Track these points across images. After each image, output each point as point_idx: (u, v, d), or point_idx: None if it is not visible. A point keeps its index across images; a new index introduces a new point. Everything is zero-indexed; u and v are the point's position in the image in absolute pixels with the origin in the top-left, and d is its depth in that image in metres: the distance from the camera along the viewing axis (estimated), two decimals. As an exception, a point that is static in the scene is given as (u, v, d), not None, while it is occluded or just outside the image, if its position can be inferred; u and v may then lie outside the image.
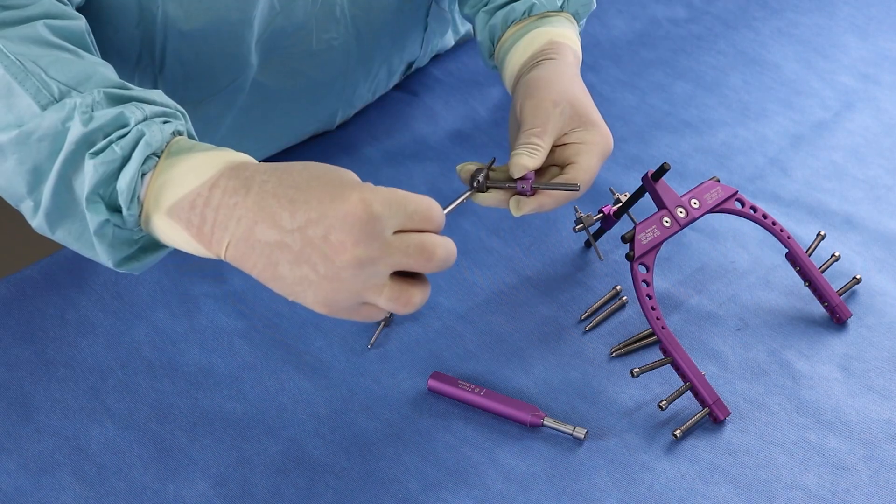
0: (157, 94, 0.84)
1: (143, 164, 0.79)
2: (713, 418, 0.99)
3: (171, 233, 0.80)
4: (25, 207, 0.84)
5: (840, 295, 1.09)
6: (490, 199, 0.95)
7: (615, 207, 1.10)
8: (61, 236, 0.84)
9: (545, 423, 0.98)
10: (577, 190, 0.93)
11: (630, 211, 1.09)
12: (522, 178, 0.94)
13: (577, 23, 1.11)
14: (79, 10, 0.93)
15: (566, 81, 0.99)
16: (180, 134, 0.82)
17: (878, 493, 0.95)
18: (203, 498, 0.93)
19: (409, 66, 1.31)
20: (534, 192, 0.94)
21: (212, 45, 1.01)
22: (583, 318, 1.09)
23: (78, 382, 1.00)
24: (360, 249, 0.74)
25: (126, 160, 0.79)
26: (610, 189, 1.13)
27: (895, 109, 1.37)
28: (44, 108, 0.80)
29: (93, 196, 0.79)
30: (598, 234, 1.13)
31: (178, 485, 0.93)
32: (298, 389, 1.01)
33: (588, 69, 1.39)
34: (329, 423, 0.99)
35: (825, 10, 1.53)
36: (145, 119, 0.80)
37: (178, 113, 0.84)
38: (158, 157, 0.80)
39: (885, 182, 1.26)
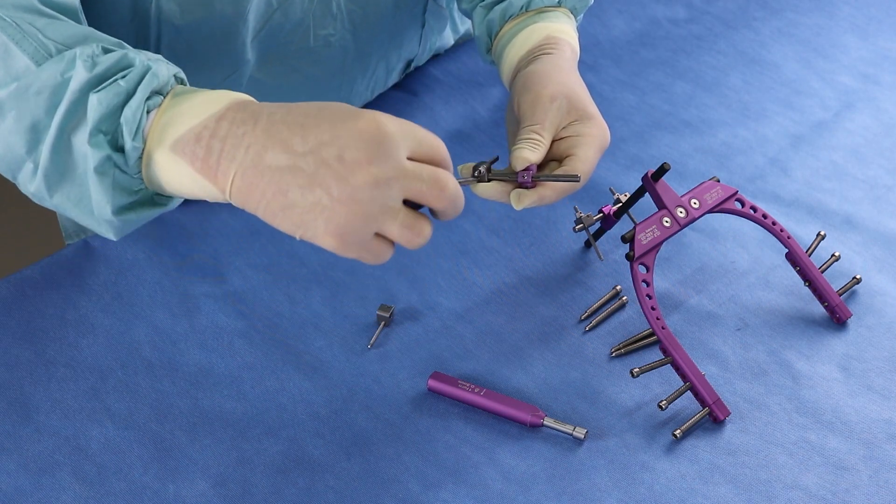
0: (158, 56, 0.83)
1: (148, 100, 0.77)
2: (713, 418, 0.99)
3: (175, 169, 0.77)
4: (24, 174, 0.82)
5: (840, 295, 1.09)
6: (491, 190, 0.95)
7: (615, 207, 1.10)
8: (59, 201, 0.82)
9: (545, 423, 0.98)
10: (577, 181, 0.93)
11: (630, 211, 1.09)
12: (524, 171, 0.94)
13: (575, 18, 1.11)
14: None
15: (563, 75, 0.99)
16: (183, 82, 0.81)
17: (878, 493, 0.95)
18: (203, 498, 0.93)
19: (409, 64, 1.31)
20: (535, 184, 0.94)
21: (206, 39, 1.02)
22: (583, 318, 1.09)
23: (78, 382, 1.00)
24: (376, 167, 0.72)
25: (131, 94, 0.77)
26: (610, 189, 1.13)
27: (895, 109, 1.37)
28: (40, 64, 0.79)
29: (95, 131, 0.77)
30: (598, 234, 1.13)
31: (178, 485, 0.93)
32: (298, 389, 1.01)
33: (588, 69, 1.39)
34: (329, 423, 0.99)
35: (825, 10, 1.53)
36: (148, 59, 0.79)
37: (180, 70, 0.83)
38: (164, 96, 0.79)
39: (885, 182, 1.26)
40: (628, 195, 1.09)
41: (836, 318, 1.09)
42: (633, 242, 1.00)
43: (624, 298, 1.10)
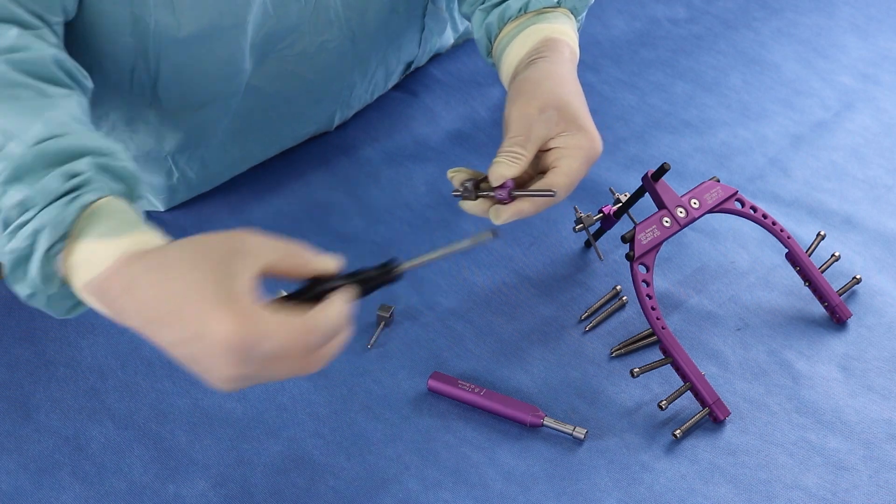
0: (89, 138, 0.82)
1: (50, 249, 0.79)
2: (713, 418, 0.99)
3: (93, 304, 0.80)
4: None
5: (840, 295, 1.10)
6: (475, 207, 0.96)
7: (615, 207, 1.10)
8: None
9: (545, 423, 0.98)
10: (552, 195, 0.93)
11: (630, 211, 1.09)
12: (501, 186, 0.93)
13: (575, 18, 1.10)
14: (70, 22, 0.93)
15: (556, 83, 0.98)
16: (94, 198, 0.80)
17: (878, 493, 0.95)
18: (203, 498, 0.93)
19: (408, 66, 1.31)
20: (512, 199, 0.94)
21: (206, 51, 1.02)
22: (583, 318, 1.09)
23: (78, 382, 1.00)
24: (235, 372, 0.73)
25: (32, 249, 0.79)
26: (610, 189, 1.13)
27: (895, 109, 1.37)
28: None
29: (12, 276, 0.81)
30: (598, 234, 1.13)
31: (178, 485, 0.93)
32: (298, 389, 1.01)
33: (588, 69, 1.39)
34: (329, 423, 0.99)
35: (825, 10, 1.53)
36: (47, 205, 0.79)
37: (111, 156, 0.83)
38: (67, 236, 0.79)
39: (885, 182, 1.26)
40: (628, 195, 1.09)
41: (836, 318, 1.09)
42: (633, 242, 1.00)
43: (624, 298, 1.10)
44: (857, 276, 1.11)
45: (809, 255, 1.09)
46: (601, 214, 1.10)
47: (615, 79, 1.39)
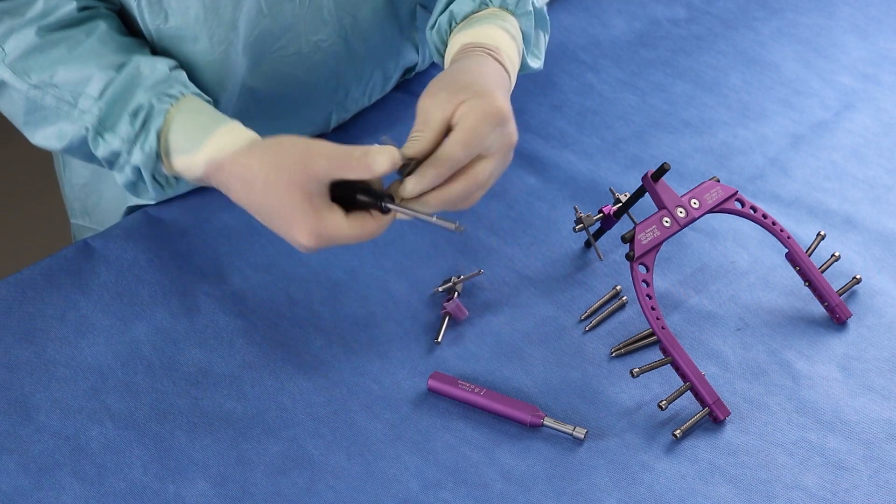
0: (147, 64, 1.00)
1: (153, 173, 1.00)
2: (713, 418, 0.99)
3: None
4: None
5: (840, 295, 1.09)
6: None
7: (615, 207, 1.10)
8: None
9: (545, 423, 0.98)
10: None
11: (630, 211, 1.09)
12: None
13: (516, 16, 1.06)
14: None
15: (456, 71, 0.97)
16: (161, 122, 0.97)
17: (878, 493, 0.95)
18: (203, 498, 0.93)
19: (409, 70, 1.31)
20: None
21: (197, 48, 1.03)
22: (583, 318, 1.09)
23: (78, 382, 1.00)
24: (314, 251, 0.93)
25: (140, 178, 1.01)
26: (610, 189, 1.13)
27: (895, 109, 1.37)
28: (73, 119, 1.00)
29: (134, 193, 1.03)
30: (598, 234, 1.13)
31: (178, 485, 0.93)
32: (298, 389, 1.01)
33: (588, 69, 1.39)
34: (329, 423, 0.99)
35: (825, 10, 1.53)
36: (131, 148, 0.99)
37: (173, 73, 1.00)
38: (160, 156, 0.99)
39: (885, 182, 1.26)
40: (628, 195, 1.09)
41: (836, 318, 1.09)
42: (633, 242, 1.00)
43: (624, 298, 1.10)
44: (857, 276, 1.11)
45: (809, 255, 1.09)
46: (601, 214, 1.10)
47: (615, 79, 1.39)
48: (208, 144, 0.95)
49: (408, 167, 0.92)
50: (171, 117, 0.97)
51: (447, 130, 0.92)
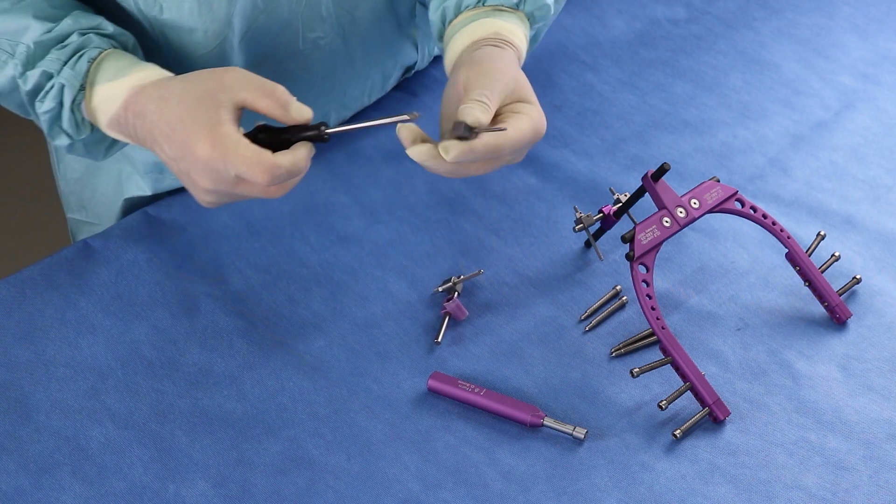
0: (87, 17, 1.00)
1: (74, 101, 0.98)
2: (713, 418, 0.99)
3: (118, 137, 1.00)
4: None
5: (840, 295, 1.09)
6: (420, 152, 0.93)
7: (615, 207, 1.10)
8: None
9: (545, 423, 0.98)
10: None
11: (630, 211, 1.09)
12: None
13: (532, 25, 1.08)
14: None
15: (507, 63, 0.99)
16: (97, 53, 0.98)
17: (878, 493, 0.95)
18: (203, 498, 0.93)
19: (409, 69, 1.31)
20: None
21: (194, 41, 1.03)
22: (583, 318, 1.09)
23: (78, 382, 1.00)
24: (213, 188, 0.92)
25: (60, 105, 0.99)
26: (610, 189, 1.13)
27: (895, 109, 1.37)
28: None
29: (51, 133, 1.01)
30: (598, 234, 1.13)
31: (178, 485, 0.93)
32: (298, 389, 1.01)
33: (588, 69, 1.39)
34: (329, 423, 0.99)
35: (825, 10, 1.53)
36: (61, 68, 0.98)
37: (98, 27, 1.00)
38: (85, 86, 0.98)
39: (885, 182, 1.26)
40: (628, 195, 1.09)
41: (836, 318, 1.09)
42: (633, 242, 1.00)
43: (624, 298, 1.10)
44: (857, 276, 1.11)
45: (809, 255, 1.09)
46: (601, 214, 1.10)
47: (615, 79, 1.39)
48: (135, 73, 0.97)
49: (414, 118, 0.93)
50: (104, 55, 0.99)
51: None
